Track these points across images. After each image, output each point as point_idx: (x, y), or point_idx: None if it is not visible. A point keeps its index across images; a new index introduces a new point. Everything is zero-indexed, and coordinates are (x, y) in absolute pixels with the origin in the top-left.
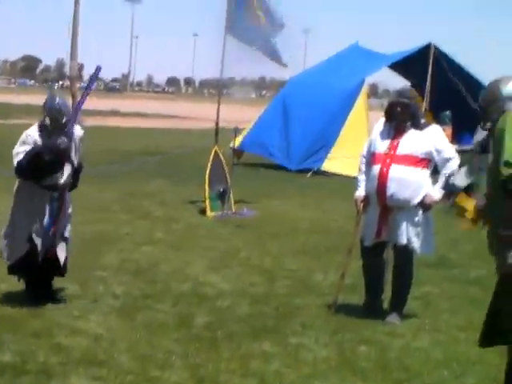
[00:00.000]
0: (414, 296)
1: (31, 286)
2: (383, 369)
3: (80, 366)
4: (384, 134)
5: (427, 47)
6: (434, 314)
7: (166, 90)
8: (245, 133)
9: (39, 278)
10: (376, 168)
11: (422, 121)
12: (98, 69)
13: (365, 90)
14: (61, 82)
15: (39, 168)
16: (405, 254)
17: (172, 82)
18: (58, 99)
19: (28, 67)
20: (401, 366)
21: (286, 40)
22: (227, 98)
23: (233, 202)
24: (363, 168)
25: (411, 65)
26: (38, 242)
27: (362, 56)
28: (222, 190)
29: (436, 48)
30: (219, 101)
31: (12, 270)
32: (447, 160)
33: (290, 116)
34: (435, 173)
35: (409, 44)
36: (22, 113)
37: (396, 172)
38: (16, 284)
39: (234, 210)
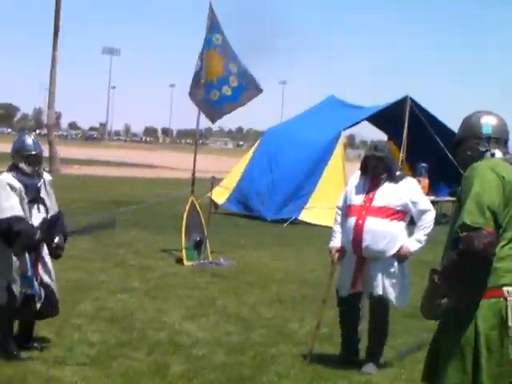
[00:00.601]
0: (390, 346)
1: (8, 334)
2: None
3: None
4: (359, 187)
5: (403, 100)
6: (410, 364)
7: (143, 139)
8: (227, 191)
9: (21, 324)
10: (352, 220)
11: (398, 173)
12: None
13: (342, 141)
14: (38, 131)
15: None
16: (380, 304)
17: (149, 131)
18: (32, 138)
19: (6, 115)
20: None
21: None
22: (205, 148)
23: (209, 251)
24: (338, 219)
25: (388, 117)
26: (16, 290)
27: (338, 108)
28: (198, 239)
29: (412, 100)
30: (196, 151)
31: None
32: (423, 212)
33: (268, 168)
34: (411, 223)
35: (384, 96)
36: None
37: (371, 224)
38: None
39: (210, 260)
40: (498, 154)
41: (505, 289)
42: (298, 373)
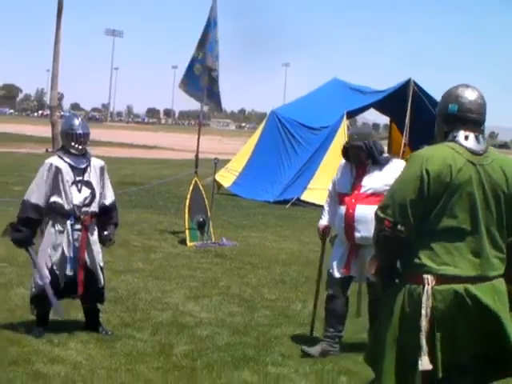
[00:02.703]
0: None
1: (43, 317)
2: None
3: None
4: (347, 175)
5: (407, 83)
6: None
7: (145, 120)
8: (234, 174)
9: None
10: (342, 209)
11: (385, 156)
12: None
13: (345, 123)
14: (40, 112)
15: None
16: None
17: (152, 112)
18: (79, 119)
19: (8, 96)
20: None
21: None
22: (207, 129)
23: (212, 232)
24: (329, 200)
25: (391, 100)
26: (59, 272)
27: (342, 90)
28: (201, 219)
29: (415, 84)
30: (199, 132)
31: (34, 299)
32: None
33: (273, 151)
34: None
35: (387, 78)
36: (4, 141)
37: (362, 212)
38: None
39: (213, 240)
40: (461, 137)
41: (425, 276)
42: (301, 353)
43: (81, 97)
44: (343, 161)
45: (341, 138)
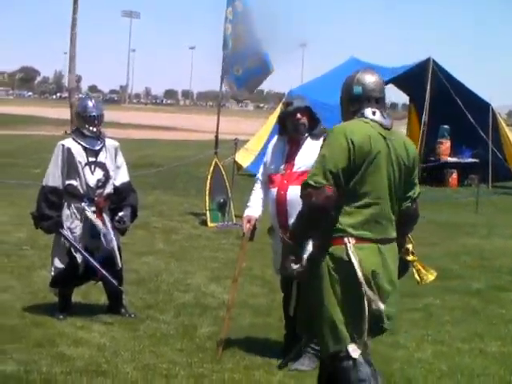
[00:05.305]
0: (415, 308)
1: (65, 300)
2: (387, 380)
3: (83, 375)
4: (279, 152)
5: (426, 62)
6: (437, 326)
7: (163, 101)
8: (253, 154)
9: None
10: (273, 192)
11: (321, 127)
12: None
13: None
14: (59, 94)
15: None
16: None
17: (170, 94)
18: (93, 101)
19: (26, 78)
20: (404, 377)
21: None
22: (225, 110)
23: (233, 212)
24: (257, 186)
25: (410, 79)
26: (77, 254)
27: (360, 68)
28: (222, 201)
29: (435, 62)
30: (219, 113)
31: (54, 282)
32: None
33: None
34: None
35: (405, 58)
36: (23, 124)
37: (295, 194)
38: (18, 294)
39: (234, 221)
40: (368, 112)
41: (346, 239)
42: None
43: (99, 79)
44: (274, 139)
45: None
